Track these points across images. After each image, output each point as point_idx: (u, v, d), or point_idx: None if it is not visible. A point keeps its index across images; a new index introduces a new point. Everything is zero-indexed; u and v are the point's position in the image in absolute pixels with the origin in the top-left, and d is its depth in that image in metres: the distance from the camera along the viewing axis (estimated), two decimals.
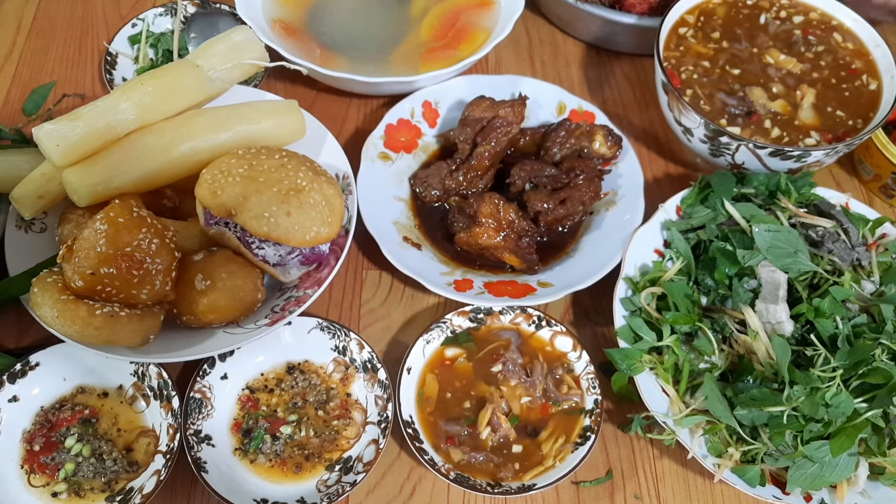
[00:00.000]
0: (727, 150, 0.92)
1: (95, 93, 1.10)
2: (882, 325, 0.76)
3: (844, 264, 0.82)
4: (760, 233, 0.81)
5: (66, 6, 1.20)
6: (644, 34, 1.11)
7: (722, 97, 0.97)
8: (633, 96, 1.15)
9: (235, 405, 0.83)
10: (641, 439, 0.84)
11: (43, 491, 0.77)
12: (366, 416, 0.82)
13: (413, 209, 0.98)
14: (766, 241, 0.81)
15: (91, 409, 0.82)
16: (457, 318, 0.87)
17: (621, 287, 0.85)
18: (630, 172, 0.99)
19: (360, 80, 0.99)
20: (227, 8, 1.14)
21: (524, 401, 0.83)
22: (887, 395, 0.71)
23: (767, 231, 0.81)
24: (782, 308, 0.77)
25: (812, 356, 0.75)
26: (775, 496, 0.75)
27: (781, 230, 0.81)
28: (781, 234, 0.81)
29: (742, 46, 1.02)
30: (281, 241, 0.81)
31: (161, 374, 0.81)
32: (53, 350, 0.82)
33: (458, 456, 0.79)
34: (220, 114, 0.89)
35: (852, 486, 0.75)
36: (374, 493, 0.80)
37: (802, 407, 0.71)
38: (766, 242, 0.81)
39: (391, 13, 1.14)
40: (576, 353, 0.86)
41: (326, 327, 0.86)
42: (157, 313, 0.79)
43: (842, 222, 0.86)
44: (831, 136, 0.94)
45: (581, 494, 0.80)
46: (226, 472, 0.78)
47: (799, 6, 1.06)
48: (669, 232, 0.89)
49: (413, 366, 0.84)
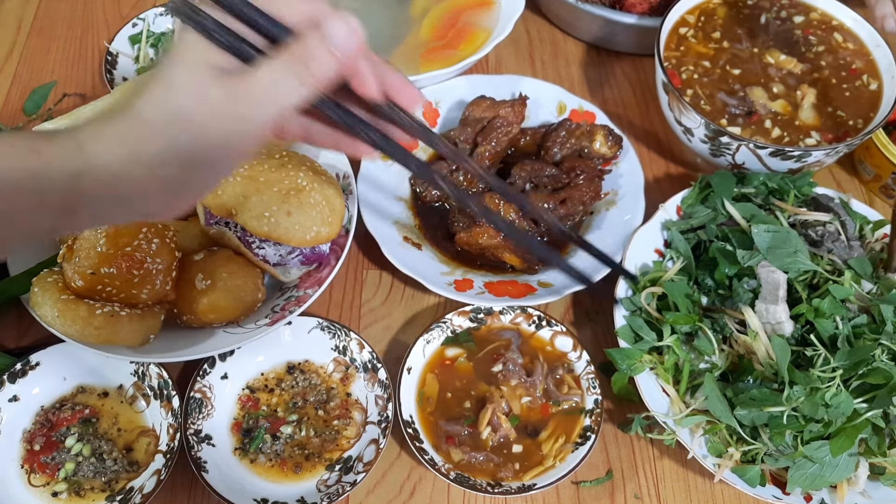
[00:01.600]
0: (727, 150, 0.92)
1: (96, 92, 1.09)
2: (882, 326, 0.76)
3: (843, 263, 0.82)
4: (759, 233, 0.81)
5: (67, 6, 1.21)
6: (644, 34, 1.11)
7: (722, 97, 0.97)
8: (633, 96, 1.15)
9: (235, 405, 0.83)
10: (641, 439, 0.84)
11: (43, 490, 0.77)
12: (366, 416, 0.82)
13: (413, 209, 0.98)
14: (765, 241, 0.81)
15: (91, 409, 0.82)
16: (457, 317, 0.87)
17: (621, 287, 0.85)
18: (630, 172, 0.99)
19: None
20: None
21: (524, 401, 0.83)
22: (887, 396, 0.71)
23: (767, 231, 0.81)
24: (782, 308, 0.77)
25: (812, 356, 0.75)
26: (775, 496, 0.75)
27: (781, 230, 0.81)
28: (781, 234, 0.81)
29: (742, 46, 1.02)
30: (281, 241, 0.81)
31: (161, 373, 0.81)
32: (53, 350, 0.82)
33: (459, 456, 0.79)
34: None
35: (852, 486, 0.75)
36: (374, 493, 0.80)
37: (802, 407, 0.71)
38: (765, 243, 0.81)
39: (391, 13, 1.14)
40: (576, 353, 0.86)
41: (327, 327, 0.86)
42: (158, 313, 0.79)
43: (839, 214, 0.86)
44: (832, 136, 0.94)
45: (581, 494, 0.80)
46: (226, 472, 0.78)
47: (799, 6, 1.06)
48: (669, 232, 0.89)
49: (413, 366, 0.84)
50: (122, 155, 0.44)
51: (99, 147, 0.44)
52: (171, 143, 0.45)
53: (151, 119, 0.45)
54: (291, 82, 0.46)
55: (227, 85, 0.45)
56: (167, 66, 0.46)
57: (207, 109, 0.45)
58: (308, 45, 0.46)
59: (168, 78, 0.45)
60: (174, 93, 0.45)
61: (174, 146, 0.45)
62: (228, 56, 0.46)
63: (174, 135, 0.45)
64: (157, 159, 0.45)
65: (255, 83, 0.45)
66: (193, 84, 0.45)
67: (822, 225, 0.86)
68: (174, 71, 0.45)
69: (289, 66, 0.46)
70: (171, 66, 0.45)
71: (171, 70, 0.45)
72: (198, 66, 0.45)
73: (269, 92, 0.45)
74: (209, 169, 0.47)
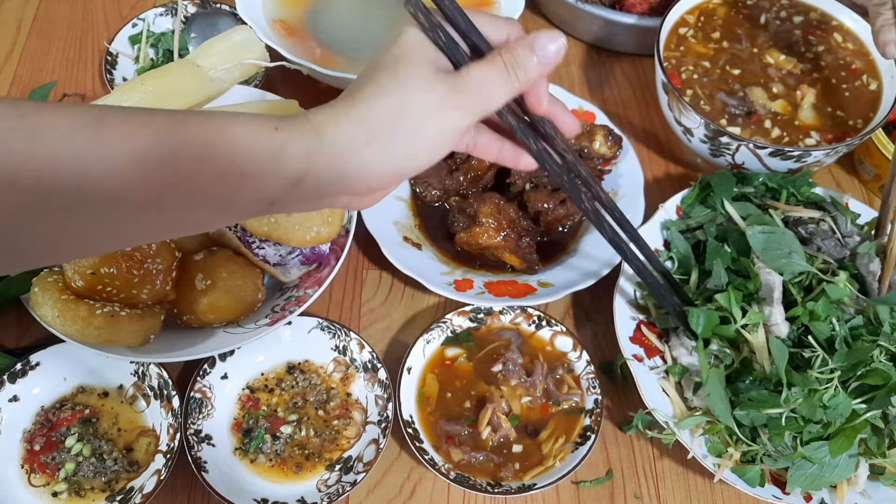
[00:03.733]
0: (727, 150, 0.92)
1: (96, 93, 1.10)
2: (879, 327, 0.76)
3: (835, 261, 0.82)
4: (754, 234, 0.81)
5: (67, 6, 1.21)
6: (644, 34, 1.11)
7: (722, 97, 0.97)
8: (633, 96, 1.15)
9: (236, 405, 0.83)
10: (641, 439, 0.84)
11: (43, 490, 0.77)
12: (366, 416, 0.82)
13: (413, 209, 0.99)
14: (759, 242, 0.81)
15: (91, 409, 0.82)
16: (457, 317, 0.87)
17: (621, 287, 0.85)
18: (630, 172, 0.99)
19: None
20: (227, 8, 1.14)
21: (524, 400, 0.83)
22: (886, 396, 0.71)
23: (761, 233, 0.81)
24: (778, 310, 0.77)
25: (810, 358, 0.75)
26: (775, 496, 0.75)
27: (776, 231, 0.81)
28: (776, 235, 0.81)
29: (742, 46, 1.02)
30: (281, 241, 0.81)
31: (161, 373, 0.81)
32: (54, 350, 0.82)
33: (459, 456, 0.79)
34: None
35: (852, 487, 0.75)
36: (374, 493, 0.80)
37: (800, 409, 0.71)
38: (759, 244, 0.81)
39: (392, 13, 1.14)
40: (576, 353, 0.86)
41: (327, 327, 0.86)
42: (158, 313, 0.79)
43: (829, 210, 0.86)
44: (831, 136, 0.94)
45: (581, 494, 0.81)
46: (226, 472, 0.78)
47: (799, 6, 1.06)
48: (669, 232, 0.89)
49: (413, 366, 0.84)
50: (358, 135, 0.50)
51: (336, 131, 0.50)
52: (400, 128, 0.51)
53: (384, 107, 0.51)
54: (498, 84, 0.53)
55: (447, 81, 0.51)
56: (394, 60, 0.52)
57: (433, 101, 0.51)
58: (517, 53, 0.53)
59: (398, 72, 0.51)
60: (405, 86, 0.51)
61: (403, 132, 0.51)
62: (443, 56, 0.53)
63: (404, 122, 0.51)
64: (384, 143, 0.51)
65: (469, 81, 0.52)
66: (421, 78, 0.51)
67: (814, 223, 0.86)
68: (403, 66, 0.51)
69: (498, 70, 0.53)
70: (398, 61, 0.52)
71: (399, 65, 0.51)
72: (425, 63, 0.52)
73: (481, 90, 0.52)
74: (427, 156, 0.53)
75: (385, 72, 0.51)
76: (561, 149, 0.62)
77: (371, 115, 0.50)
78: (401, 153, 0.52)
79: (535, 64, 0.53)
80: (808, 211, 0.87)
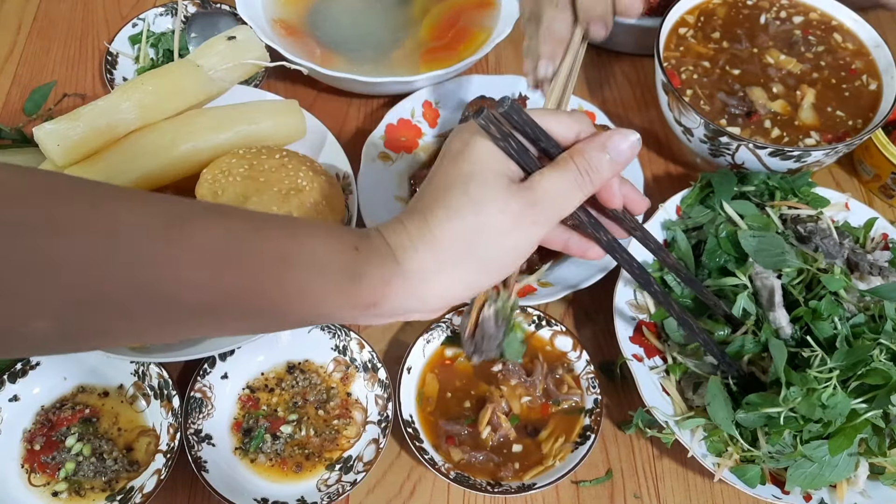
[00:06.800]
0: (727, 150, 0.93)
1: (96, 93, 1.10)
2: (882, 325, 0.76)
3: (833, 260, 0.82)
4: (746, 238, 0.81)
5: (67, 6, 1.21)
6: (644, 34, 1.11)
7: (722, 97, 0.97)
8: (633, 96, 1.15)
9: (236, 404, 0.83)
10: (641, 439, 0.84)
11: (43, 490, 0.77)
12: (366, 416, 0.83)
13: None
14: (751, 245, 0.81)
15: (91, 409, 0.82)
16: (457, 317, 0.87)
17: (621, 287, 0.85)
18: (630, 172, 0.99)
19: (360, 80, 0.99)
20: (227, 8, 1.14)
21: (524, 400, 0.83)
22: (886, 396, 0.71)
23: (753, 237, 0.82)
24: (781, 314, 0.78)
25: (809, 357, 0.75)
26: (775, 496, 0.75)
27: (767, 235, 0.82)
28: (767, 238, 0.82)
29: (742, 46, 1.02)
30: None
31: (161, 373, 0.81)
32: None
33: (458, 455, 0.79)
34: (221, 114, 0.89)
35: (852, 486, 0.75)
36: (374, 493, 0.80)
37: (799, 408, 0.71)
38: (752, 247, 0.81)
39: (391, 13, 1.14)
40: (576, 352, 0.86)
41: (326, 327, 0.86)
42: None
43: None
44: (831, 136, 0.94)
45: (581, 494, 0.81)
46: (226, 472, 0.78)
47: (799, 6, 1.06)
48: (669, 232, 0.89)
49: (413, 365, 0.84)
50: (435, 261, 0.50)
51: (415, 258, 0.50)
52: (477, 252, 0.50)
53: (459, 233, 0.50)
54: (572, 190, 0.52)
55: (520, 196, 0.50)
56: (464, 179, 0.50)
57: (508, 220, 0.50)
58: (590, 156, 0.52)
59: (470, 192, 0.50)
60: (480, 207, 0.50)
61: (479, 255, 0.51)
62: (513, 164, 0.52)
63: (480, 245, 0.50)
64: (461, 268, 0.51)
65: (542, 192, 0.51)
66: (495, 199, 0.50)
67: (812, 221, 0.86)
68: (475, 186, 0.50)
69: (572, 175, 0.51)
70: (469, 179, 0.50)
71: (470, 184, 0.50)
72: (496, 179, 0.50)
73: (555, 200, 0.51)
74: (500, 273, 0.53)
75: (455, 191, 0.50)
76: (629, 228, 0.62)
77: (446, 240, 0.50)
78: (475, 274, 0.51)
79: (608, 165, 0.52)
80: (806, 209, 0.87)
